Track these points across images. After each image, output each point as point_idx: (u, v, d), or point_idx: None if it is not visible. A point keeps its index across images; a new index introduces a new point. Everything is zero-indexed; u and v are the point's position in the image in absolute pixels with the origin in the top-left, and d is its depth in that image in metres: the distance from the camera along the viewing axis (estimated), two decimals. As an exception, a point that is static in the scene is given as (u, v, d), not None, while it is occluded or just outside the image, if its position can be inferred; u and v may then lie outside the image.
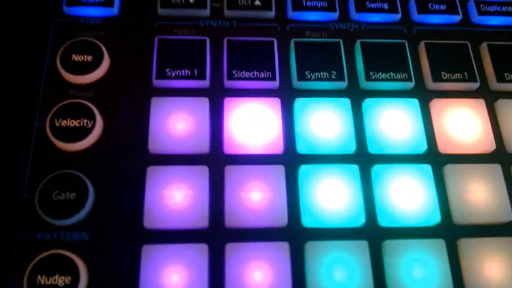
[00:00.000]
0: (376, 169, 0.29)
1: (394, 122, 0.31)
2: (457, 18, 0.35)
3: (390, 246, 0.27)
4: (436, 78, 0.32)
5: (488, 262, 0.27)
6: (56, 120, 0.28)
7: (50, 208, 0.26)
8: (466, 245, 0.28)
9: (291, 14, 0.33)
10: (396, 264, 0.27)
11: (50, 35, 0.31)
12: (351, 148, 0.30)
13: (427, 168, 0.29)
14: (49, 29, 0.32)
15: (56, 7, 0.32)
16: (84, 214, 0.27)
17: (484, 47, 0.34)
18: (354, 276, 0.27)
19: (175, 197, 0.27)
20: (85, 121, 0.28)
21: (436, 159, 0.30)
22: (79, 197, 0.27)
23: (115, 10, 0.32)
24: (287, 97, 0.31)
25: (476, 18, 0.35)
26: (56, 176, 0.27)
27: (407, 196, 0.29)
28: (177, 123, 0.29)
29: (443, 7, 0.35)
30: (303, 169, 0.29)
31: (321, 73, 0.31)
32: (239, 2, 0.33)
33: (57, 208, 0.26)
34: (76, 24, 0.32)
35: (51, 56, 0.31)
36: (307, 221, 0.28)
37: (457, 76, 0.32)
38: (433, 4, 0.34)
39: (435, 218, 0.28)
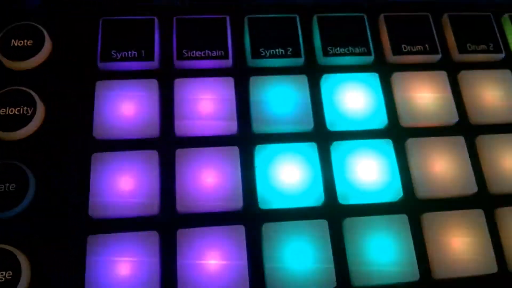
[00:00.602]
0: (335, 146, 0.28)
1: (353, 97, 0.29)
2: (417, -11, 0.34)
3: (350, 224, 0.26)
4: (396, 51, 0.31)
5: (453, 235, 0.26)
6: (-6, 108, 0.27)
7: (-12, 201, 0.25)
8: (429, 219, 0.27)
9: (244, -10, 0.32)
10: (358, 243, 0.26)
11: (-12, 21, 0.30)
12: (309, 125, 0.28)
13: (388, 142, 0.28)
14: (-13, 14, 0.30)
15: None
16: (25, 205, 0.25)
17: (445, 18, 0.33)
18: (314, 256, 0.25)
19: (122, 184, 0.26)
20: (25, 108, 0.27)
21: (397, 133, 0.29)
22: (19, 188, 0.25)
23: (56, -8, 0.31)
24: (241, 75, 0.30)
25: (437, -10, 0.34)
26: (-6, 167, 0.25)
27: (368, 172, 0.27)
28: (123, 106, 0.28)
29: (402, -22, 0.34)
30: (259, 149, 0.28)
31: (276, 50, 0.30)
32: (190, -21, 0.32)
33: (-4, 201, 0.25)
34: (14, 7, 0.30)
35: (-11, 43, 0.29)
36: (263, 203, 0.26)
37: (418, 48, 0.31)
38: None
39: (398, 194, 0.27)
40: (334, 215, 0.27)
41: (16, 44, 0.28)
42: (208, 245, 0.25)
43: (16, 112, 0.27)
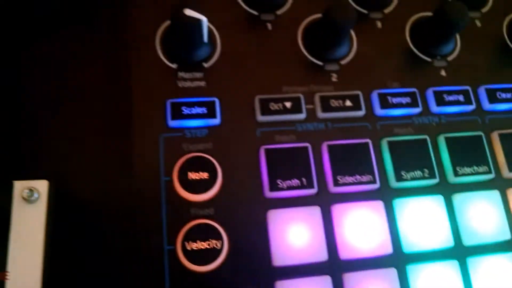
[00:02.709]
0: (471, 261, 0.33)
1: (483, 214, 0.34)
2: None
3: None
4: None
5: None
6: (186, 243, 0.30)
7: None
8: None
9: (379, 111, 0.36)
10: None
11: (160, 150, 0.32)
12: (450, 242, 0.33)
13: (515, 256, 0.33)
14: (158, 144, 0.32)
15: (159, 121, 0.33)
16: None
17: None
18: None
19: (306, 307, 0.30)
20: (214, 242, 0.30)
21: (520, 246, 0.34)
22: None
23: (217, 120, 0.33)
24: (387, 198, 0.34)
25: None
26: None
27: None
28: (295, 234, 0.31)
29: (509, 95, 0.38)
30: (410, 268, 0.32)
31: (416, 172, 0.34)
32: (332, 104, 0.35)
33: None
34: (182, 137, 0.33)
35: (166, 174, 0.32)
36: (421, 319, 0.31)
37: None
38: (501, 93, 0.38)
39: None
40: None
41: (193, 177, 0.31)
42: None
43: (207, 246, 0.30)
